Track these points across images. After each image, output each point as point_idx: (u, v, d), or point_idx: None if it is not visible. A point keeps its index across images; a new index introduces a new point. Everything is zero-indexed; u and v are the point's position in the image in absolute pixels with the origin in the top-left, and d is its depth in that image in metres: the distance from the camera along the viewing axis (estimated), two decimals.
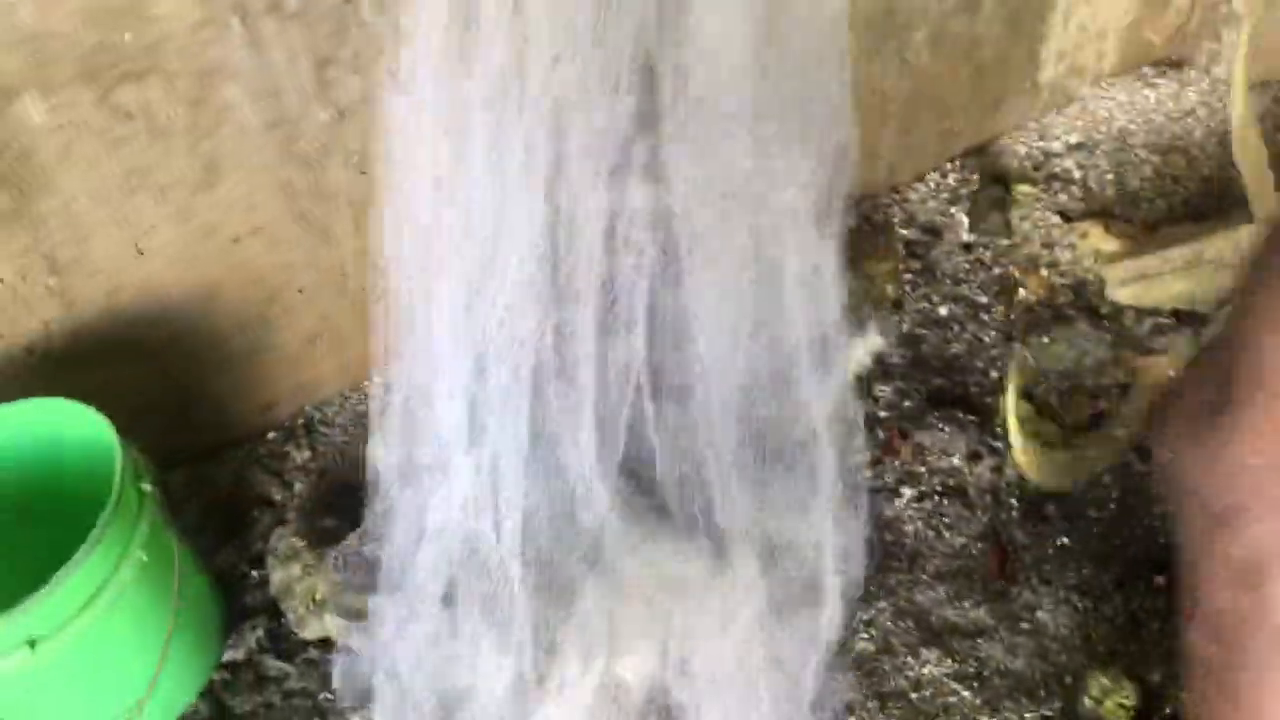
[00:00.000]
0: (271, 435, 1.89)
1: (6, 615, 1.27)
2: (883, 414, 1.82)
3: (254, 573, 1.70)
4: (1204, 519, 0.87)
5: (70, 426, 1.49)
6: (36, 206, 1.49)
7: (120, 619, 1.39)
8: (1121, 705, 1.41)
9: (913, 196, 2.15)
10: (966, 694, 1.50)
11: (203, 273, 1.67)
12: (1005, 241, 2.07)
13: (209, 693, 1.57)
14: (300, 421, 1.90)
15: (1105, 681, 1.44)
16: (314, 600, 1.59)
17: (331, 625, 1.58)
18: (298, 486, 1.82)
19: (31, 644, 1.30)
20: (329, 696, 1.54)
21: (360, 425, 1.89)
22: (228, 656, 1.60)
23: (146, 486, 1.45)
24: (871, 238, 2.06)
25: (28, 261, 1.54)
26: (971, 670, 1.52)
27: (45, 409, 1.50)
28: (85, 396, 1.47)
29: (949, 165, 2.20)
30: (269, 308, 1.76)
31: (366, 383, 1.93)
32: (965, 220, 2.10)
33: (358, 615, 1.58)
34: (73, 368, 1.66)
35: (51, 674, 1.37)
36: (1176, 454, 0.89)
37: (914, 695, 1.51)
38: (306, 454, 1.86)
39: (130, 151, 1.50)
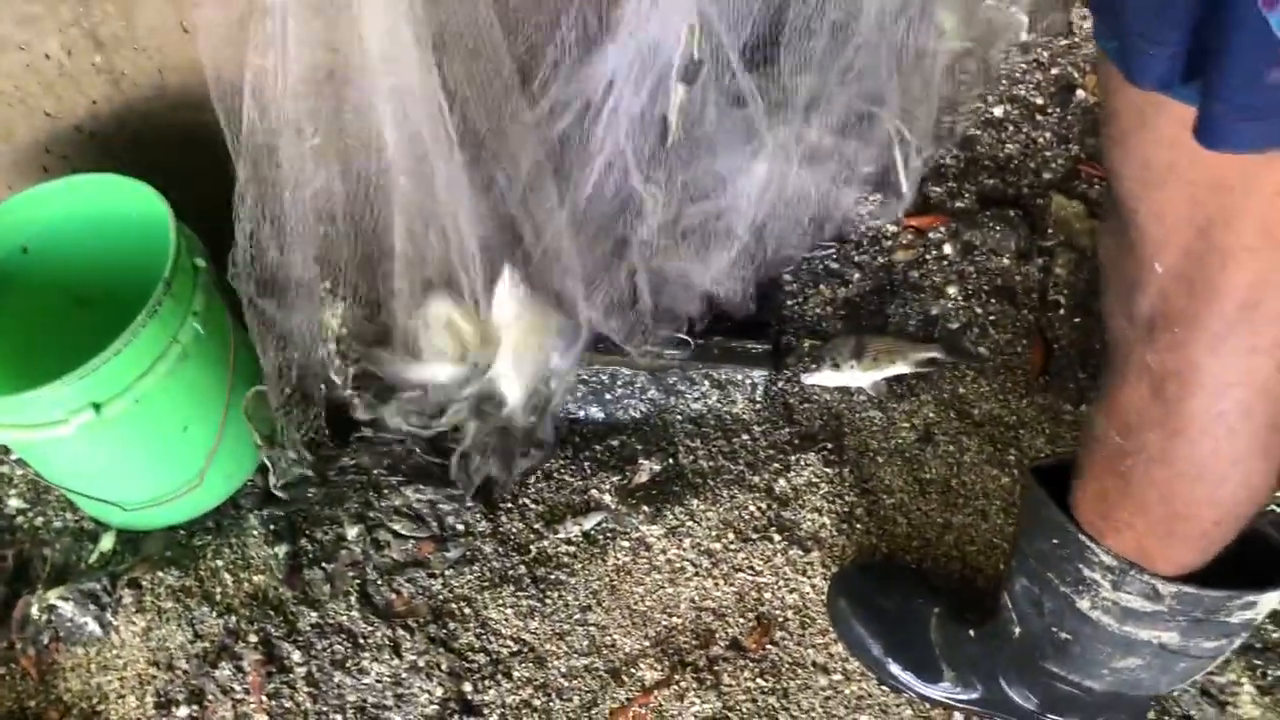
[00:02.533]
0: None
1: (73, 377, 1.31)
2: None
3: None
4: (1131, 326, 0.90)
5: (122, 201, 1.50)
6: None
7: (179, 387, 1.43)
8: None
9: None
10: (1006, 480, 1.53)
11: None
12: (1065, 42, 2.00)
13: (265, 467, 1.62)
14: None
15: None
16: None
17: (385, 409, 1.61)
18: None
19: (97, 406, 1.34)
20: (382, 472, 1.58)
21: None
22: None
23: (200, 262, 1.46)
24: None
25: (74, 35, 1.52)
26: (1012, 458, 1.54)
27: (97, 184, 1.51)
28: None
29: None
30: None
31: None
32: (1025, 19, 2.03)
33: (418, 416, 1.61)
34: (122, 150, 1.65)
35: (117, 437, 1.41)
36: (1112, 258, 0.91)
37: (954, 482, 1.54)
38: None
39: None
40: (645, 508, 1.53)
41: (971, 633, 1.26)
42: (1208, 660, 1.04)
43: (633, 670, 1.41)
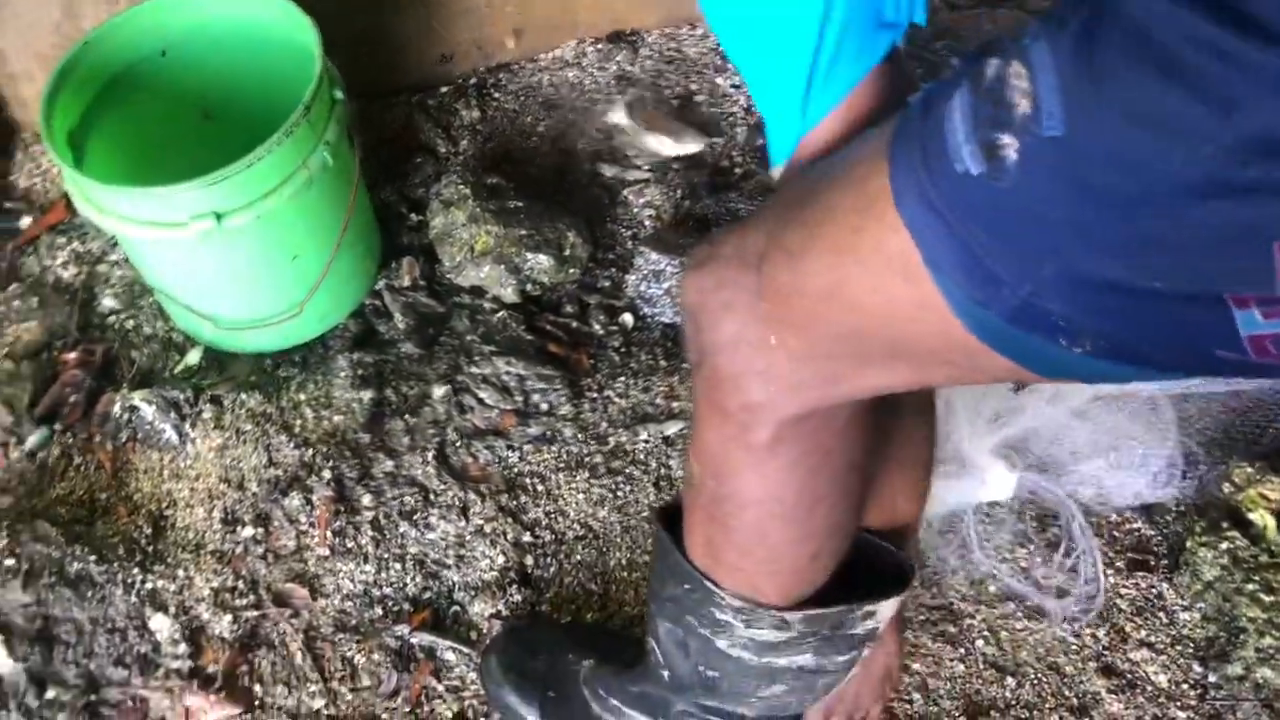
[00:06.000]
0: (444, 89, 1.87)
1: (203, 181, 1.30)
2: None
3: (412, 215, 1.72)
4: (691, 346, 0.87)
5: (268, 19, 1.49)
6: None
7: (298, 214, 1.42)
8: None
9: None
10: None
11: None
12: None
13: (360, 314, 1.62)
14: (473, 81, 1.88)
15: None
16: (473, 250, 1.61)
17: (490, 275, 1.60)
18: (463, 143, 1.81)
19: (219, 216, 1.34)
20: (476, 340, 1.58)
21: (531, 96, 1.87)
22: (380, 286, 1.64)
23: (339, 94, 1.45)
24: None
25: None
26: None
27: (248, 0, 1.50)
28: None
29: None
30: None
31: (545, 54, 1.90)
32: None
33: (516, 270, 1.60)
34: None
35: (230, 250, 1.41)
36: (683, 274, 0.89)
37: None
38: (475, 114, 1.85)
39: None
40: None
41: (628, 676, 1.20)
42: (843, 672, 1.05)
43: None
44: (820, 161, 0.80)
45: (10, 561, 1.35)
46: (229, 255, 1.42)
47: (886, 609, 0.99)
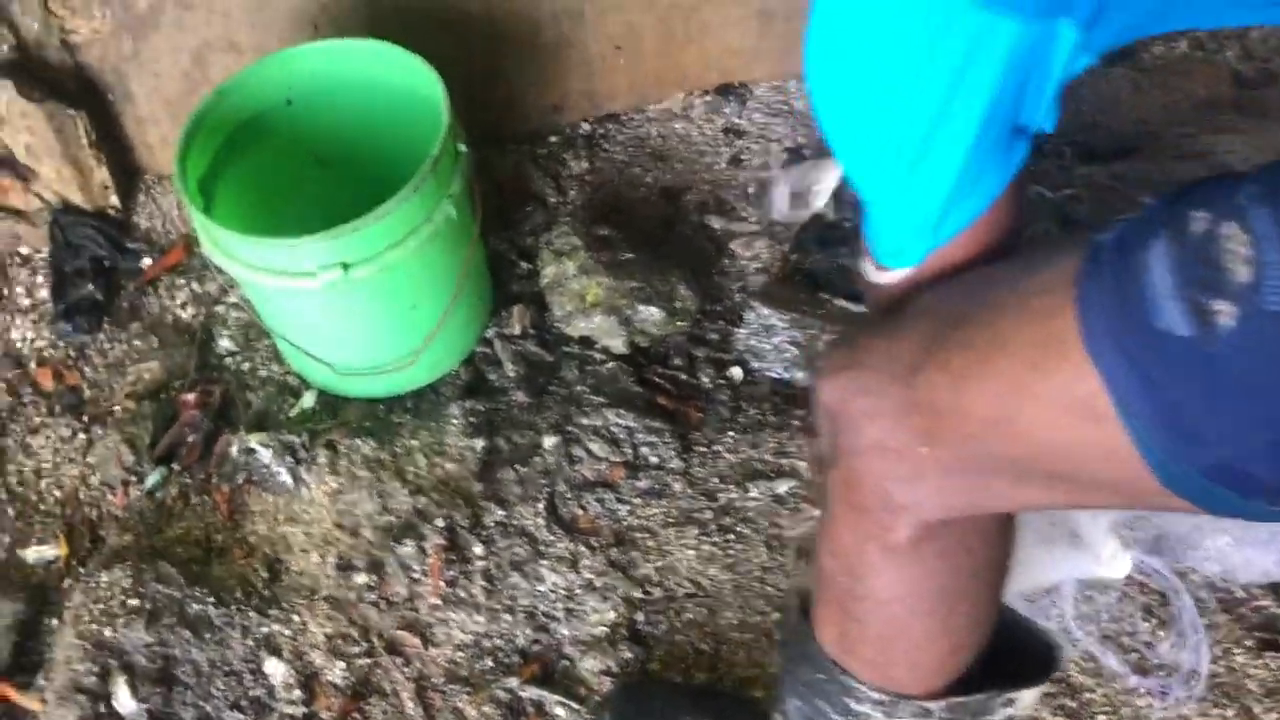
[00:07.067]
0: (553, 139, 1.89)
1: (331, 234, 1.32)
2: None
3: (522, 263, 1.73)
4: (825, 445, 0.86)
5: (392, 71, 1.52)
6: None
7: (421, 265, 1.44)
8: None
9: (1254, 34, 1.98)
10: None
11: None
12: None
13: (470, 363, 1.63)
14: (583, 131, 1.90)
15: None
16: (584, 300, 1.62)
17: (600, 326, 1.60)
18: (572, 193, 1.83)
19: (346, 266, 1.36)
20: (585, 390, 1.58)
21: (640, 147, 1.88)
22: (491, 333, 1.65)
23: (463, 147, 1.47)
24: (1199, 66, 1.92)
25: None
26: None
27: (372, 50, 1.52)
28: None
29: None
30: (584, 3, 1.73)
31: (653, 106, 1.91)
32: None
33: (627, 322, 1.61)
34: (382, 21, 1.66)
35: (354, 300, 1.44)
36: (820, 375, 0.87)
37: None
38: (584, 164, 1.86)
39: None
40: None
41: None
42: None
43: None
44: (978, 279, 0.79)
45: (134, 601, 1.37)
46: (352, 304, 1.45)
47: (1029, 697, 0.97)
